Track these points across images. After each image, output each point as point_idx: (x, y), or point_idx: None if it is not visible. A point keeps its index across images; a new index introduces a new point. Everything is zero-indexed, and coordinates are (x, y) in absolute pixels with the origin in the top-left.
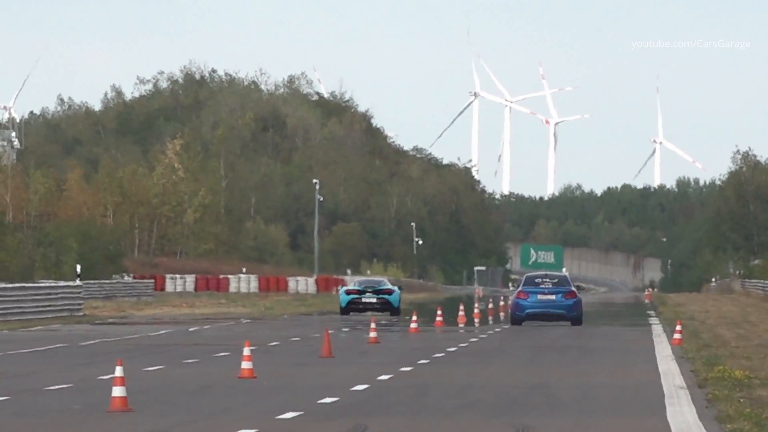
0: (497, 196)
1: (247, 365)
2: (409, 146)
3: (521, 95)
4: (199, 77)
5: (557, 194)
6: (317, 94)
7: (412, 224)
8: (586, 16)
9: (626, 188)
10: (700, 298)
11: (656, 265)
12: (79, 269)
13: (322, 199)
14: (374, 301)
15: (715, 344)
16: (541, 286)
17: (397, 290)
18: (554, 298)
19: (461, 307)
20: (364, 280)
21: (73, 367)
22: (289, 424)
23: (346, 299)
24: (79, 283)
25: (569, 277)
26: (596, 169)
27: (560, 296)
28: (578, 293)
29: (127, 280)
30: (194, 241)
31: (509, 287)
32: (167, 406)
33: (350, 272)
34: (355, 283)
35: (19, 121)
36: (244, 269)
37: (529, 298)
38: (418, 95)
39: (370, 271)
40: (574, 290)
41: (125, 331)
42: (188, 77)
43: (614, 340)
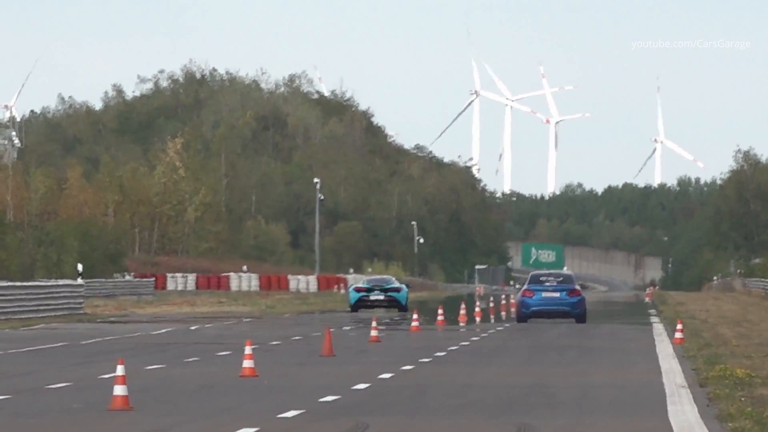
0: (498, 195)
1: (248, 364)
2: (409, 145)
3: (522, 94)
4: (199, 76)
5: (558, 193)
6: (318, 93)
7: (412, 223)
8: (586, 16)
9: (627, 187)
10: (700, 296)
11: (657, 263)
12: (80, 268)
13: (323, 197)
14: (382, 298)
15: (716, 343)
16: (546, 284)
17: (404, 288)
18: (559, 295)
19: (463, 305)
20: (372, 278)
21: (73, 365)
22: (290, 422)
23: (355, 297)
24: (80, 281)
25: (573, 275)
26: (597, 168)
27: (565, 294)
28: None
29: (128, 278)
30: (195, 239)
31: (512, 285)
32: (168, 404)
33: (353, 271)
34: (363, 281)
35: (19, 120)
36: (245, 267)
37: (534, 296)
38: (418, 94)
39: (371, 269)
40: (578, 288)
41: (126, 329)
42: (189, 76)
43: (615, 339)
